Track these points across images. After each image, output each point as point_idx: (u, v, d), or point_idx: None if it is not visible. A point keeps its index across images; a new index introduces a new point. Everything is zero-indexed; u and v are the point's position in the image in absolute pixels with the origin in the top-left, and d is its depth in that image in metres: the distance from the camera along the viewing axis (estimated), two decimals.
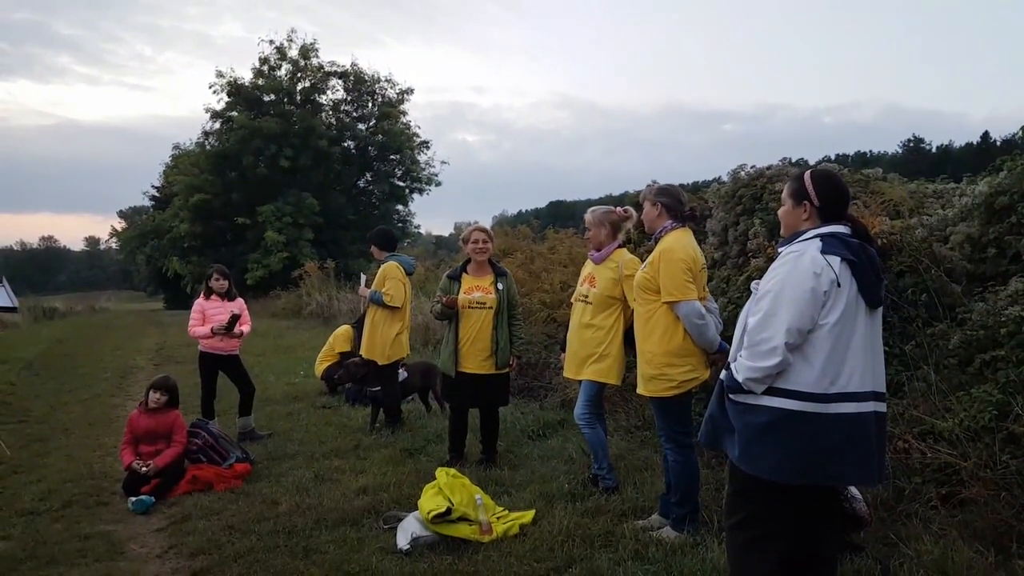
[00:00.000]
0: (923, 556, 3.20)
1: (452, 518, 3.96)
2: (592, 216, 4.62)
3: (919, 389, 4.15)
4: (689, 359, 3.76)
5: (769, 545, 2.57)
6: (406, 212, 34.70)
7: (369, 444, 6.04)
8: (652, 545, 3.63)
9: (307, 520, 4.35)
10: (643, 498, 4.30)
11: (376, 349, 6.36)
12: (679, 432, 3.87)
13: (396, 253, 6.69)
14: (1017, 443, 3.44)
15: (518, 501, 4.43)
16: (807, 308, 2.48)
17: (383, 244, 6.67)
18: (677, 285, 3.68)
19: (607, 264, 4.50)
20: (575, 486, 4.57)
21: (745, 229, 6.77)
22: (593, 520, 4.02)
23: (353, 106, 32.86)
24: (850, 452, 2.48)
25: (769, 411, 2.52)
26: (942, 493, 3.59)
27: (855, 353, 2.50)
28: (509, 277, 5.51)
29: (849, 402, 2.47)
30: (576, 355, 4.54)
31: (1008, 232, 4.86)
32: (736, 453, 2.61)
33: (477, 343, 5.21)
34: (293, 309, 20.51)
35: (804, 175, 2.73)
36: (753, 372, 2.52)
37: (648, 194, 4.02)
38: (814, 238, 2.59)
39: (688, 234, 3.91)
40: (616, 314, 4.45)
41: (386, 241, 6.72)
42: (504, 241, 12.74)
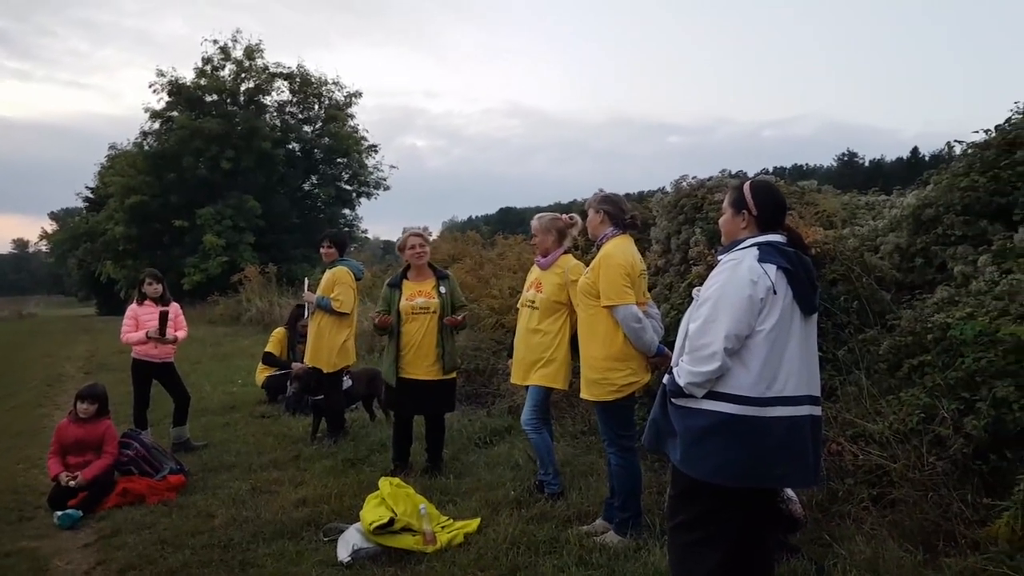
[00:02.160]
0: (855, 556, 3.30)
1: (395, 529, 3.91)
2: (539, 223, 4.65)
3: (851, 393, 4.28)
4: (629, 363, 3.82)
5: (710, 547, 2.62)
6: (353, 216, 34.23)
7: (310, 454, 5.92)
8: (596, 550, 3.66)
9: (244, 533, 4.24)
10: (588, 503, 4.33)
11: (322, 356, 6.25)
12: (621, 436, 3.91)
13: (346, 258, 6.58)
14: (943, 445, 3.57)
15: (463, 509, 4.40)
16: (744, 314, 2.54)
17: (340, 246, 6.55)
18: (616, 290, 3.74)
19: (553, 270, 4.54)
20: (521, 493, 4.57)
21: (687, 237, 6.91)
22: (538, 527, 4.02)
23: (299, 108, 32.32)
24: (787, 454, 2.55)
25: (709, 415, 2.57)
26: (873, 494, 3.71)
27: (791, 358, 2.57)
28: (451, 279, 5.49)
29: (785, 406, 2.54)
30: (523, 361, 4.56)
31: (934, 243, 5.07)
32: (678, 456, 2.65)
33: (422, 349, 5.16)
34: (232, 315, 20.05)
35: (744, 185, 2.80)
36: (694, 376, 2.57)
37: (592, 202, 4.08)
38: (752, 246, 2.65)
39: (629, 241, 3.97)
40: (563, 319, 4.48)
41: (341, 244, 6.61)
42: (453, 247, 12.74)
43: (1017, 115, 5.39)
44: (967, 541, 3.25)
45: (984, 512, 3.29)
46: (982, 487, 3.42)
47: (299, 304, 9.49)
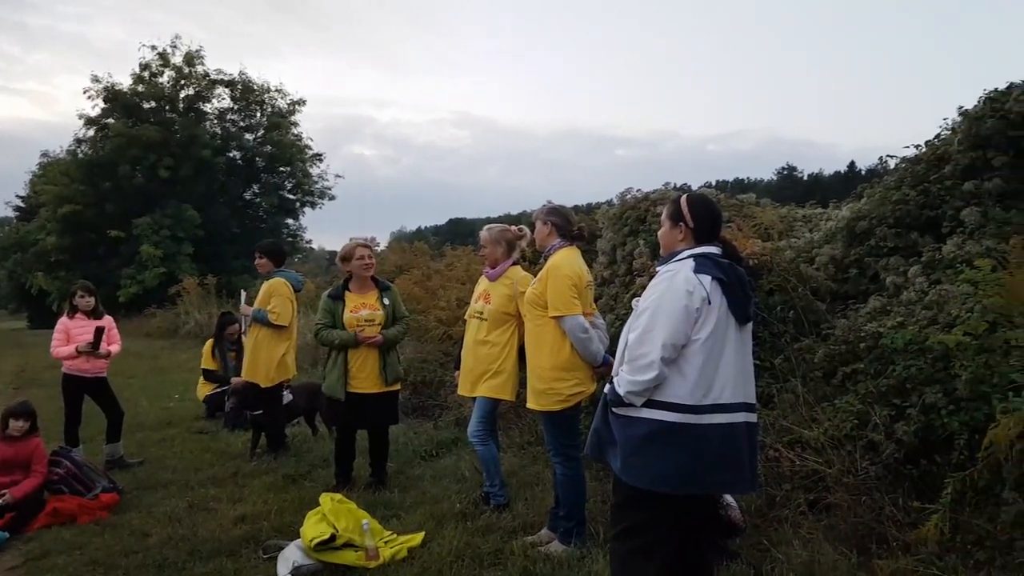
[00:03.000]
0: (792, 560, 3.38)
1: (337, 545, 3.85)
2: (488, 234, 4.66)
3: (788, 400, 4.39)
4: (576, 373, 3.84)
5: (651, 554, 2.65)
6: (296, 226, 33.67)
7: (249, 471, 5.78)
8: (540, 560, 3.66)
9: (180, 552, 4.11)
10: (533, 513, 4.33)
11: (259, 371, 6.08)
12: (567, 445, 3.93)
13: (284, 269, 6.45)
14: (876, 450, 3.69)
15: (408, 524, 4.36)
16: (681, 324, 2.59)
17: (275, 257, 6.39)
18: (563, 300, 3.77)
19: (502, 281, 4.54)
20: (466, 505, 4.55)
21: (631, 249, 7.01)
22: (483, 539, 4.00)
23: (240, 115, 31.72)
24: (723, 461, 2.60)
25: (648, 423, 2.61)
26: (810, 499, 3.80)
27: (726, 366, 2.63)
28: (393, 291, 5.44)
29: (721, 413, 2.59)
30: (471, 372, 4.54)
31: (868, 254, 5.24)
32: (618, 465, 2.68)
33: (368, 361, 5.09)
34: (169, 328, 19.51)
35: (681, 198, 2.86)
36: (633, 386, 2.61)
37: (540, 213, 4.11)
38: (688, 258, 2.71)
39: (576, 252, 4.01)
40: (511, 330, 4.49)
41: (278, 255, 6.46)
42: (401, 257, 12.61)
43: (946, 131, 5.63)
44: (899, 543, 3.36)
45: (915, 515, 3.41)
46: (912, 491, 3.55)
47: (224, 312, 9.27)
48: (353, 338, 5.05)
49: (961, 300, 3.94)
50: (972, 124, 5.09)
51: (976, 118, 5.10)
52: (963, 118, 5.32)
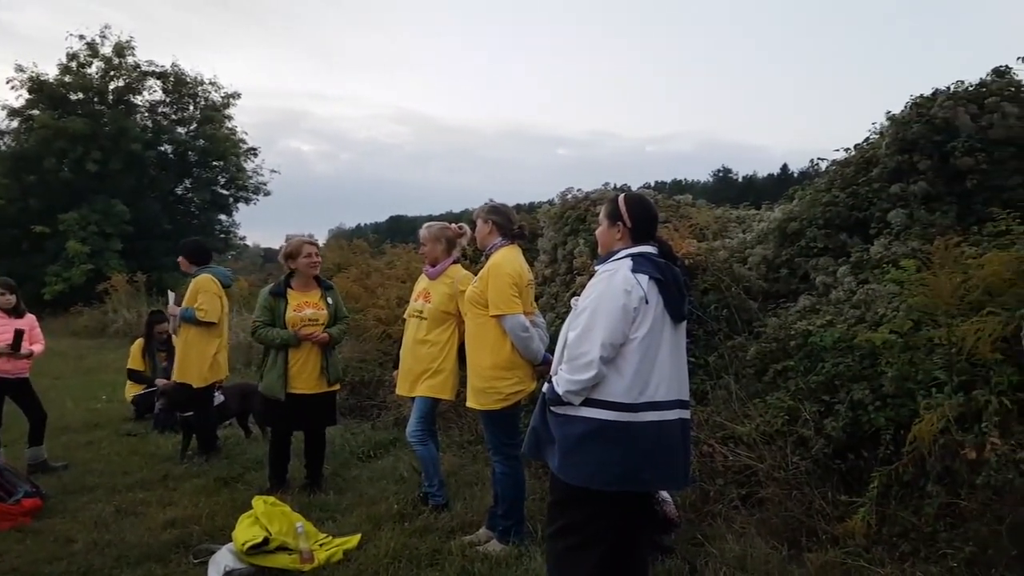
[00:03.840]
0: (726, 554, 3.44)
1: (270, 548, 3.77)
2: (428, 232, 4.62)
3: (721, 397, 4.48)
4: (516, 372, 3.84)
5: (587, 551, 2.66)
6: (229, 222, 32.66)
7: (180, 474, 5.59)
8: (478, 560, 3.64)
9: (106, 559, 3.95)
10: (472, 513, 4.31)
11: (191, 371, 5.89)
12: (507, 444, 3.92)
13: (210, 265, 6.25)
14: (805, 445, 3.80)
15: (344, 526, 4.28)
16: (619, 323, 2.61)
17: (193, 257, 6.17)
18: (504, 299, 3.76)
19: (442, 280, 4.50)
20: (404, 506, 4.49)
21: (572, 248, 7.06)
22: (421, 539, 3.97)
23: (172, 108, 30.68)
24: (659, 458, 2.63)
25: (585, 421, 2.62)
26: (742, 493, 3.89)
27: (662, 364, 2.66)
28: (335, 290, 5.34)
29: (656, 410, 2.62)
30: (410, 372, 4.49)
31: (798, 254, 5.40)
32: (556, 463, 2.69)
33: (310, 361, 4.97)
34: (97, 327, 18.72)
35: (619, 198, 2.89)
36: (572, 385, 2.62)
37: (480, 212, 4.10)
38: (626, 258, 2.74)
39: (516, 251, 4.00)
40: (451, 330, 4.45)
41: (197, 253, 6.22)
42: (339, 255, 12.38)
43: (875, 135, 5.84)
44: (828, 536, 3.45)
45: (843, 508, 3.51)
46: (841, 485, 3.66)
47: (154, 311, 8.97)
48: (294, 337, 4.93)
49: (887, 299, 4.09)
50: (899, 129, 5.30)
51: (903, 123, 5.30)
52: (891, 123, 5.53)
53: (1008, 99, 4.96)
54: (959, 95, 5.21)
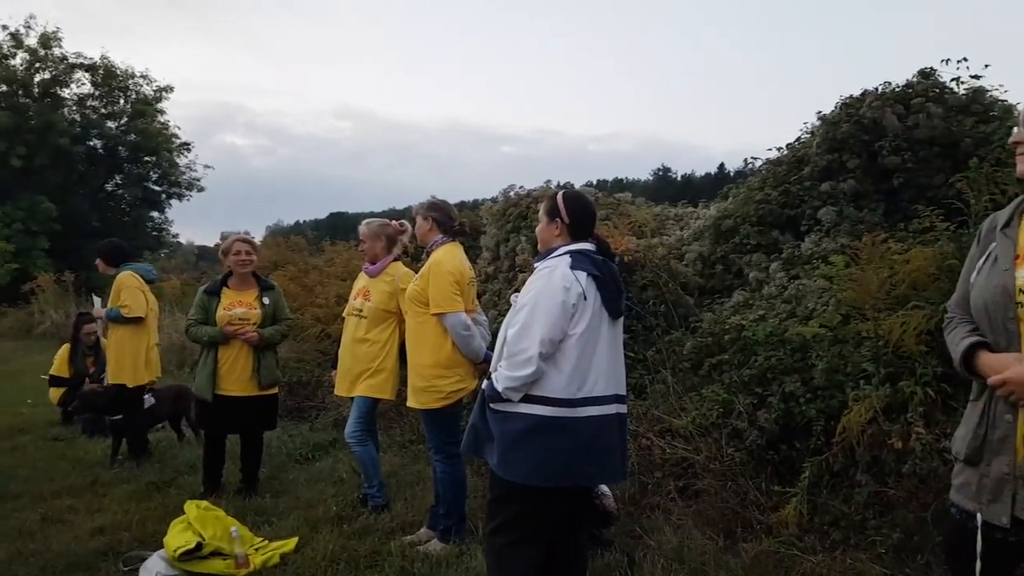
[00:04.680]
0: (663, 546, 3.48)
1: (203, 554, 3.65)
2: (367, 229, 4.55)
3: (659, 391, 4.55)
4: (457, 370, 3.81)
5: (526, 547, 2.66)
6: (162, 219, 31.71)
7: (109, 479, 5.38)
8: (418, 560, 3.60)
9: (31, 569, 3.77)
10: (413, 513, 4.26)
11: (125, 371, 5.67)
12: (447, 443, 3.89)
13: (130, 263, 6.04)
14: (740, 437, 3.87)
15: (280, 530, 4.18)
16: (558, 320, 2.61)
17: (110, 257, 5.94)
18: (445, 297, 3.72)
19: (382, 278, 4.44)
20: (343, 508, 4.41)
21: (514, 245, 7.08)
22: (360, 541, 3.90)
23: (102, 102, 29.58)
24: (596, 453, 2.65)
25: (524, 418, 2.62)
26: (679, 485, 3.95)
27: (600, 360, 2.68)
28: (276, 290, 5.19)
29: (594, 405, 2.64)
30: (349, 371, 4.41)
31: (732, 251, 5.52)
32: (495, 461, 2.68)
33: (239, 362, 4.83)
34: (22, 328, 17.97)
35: (558, 195, 2.90)
36: (511, 381, 2.61)
37: (420, 209, 4.05)
38: (565, 254, 2.75)
39: (458, 248, 3.97)
40: (392, 328, 4.39)
41: (113, 253, 5.98)
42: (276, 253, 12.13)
43: (806, 134, 6.00)
44: (762, 526, 3.53)
45: (776, 498, 3.60)
46: (774, 475, 3.74)
47: (82, 312, 8.64)
48: (220, 333, 4.80)
49: (817, 294, 4.21)
50: (829, 128, 5.46)
51: (833, 123, 5.47)
52: (821, 122, 5.69)
53: (932, 100, 5.15)
54: (886, 96, 5.39)
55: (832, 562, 3.15)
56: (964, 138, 4.87)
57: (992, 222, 2.00)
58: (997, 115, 4.95)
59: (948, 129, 4.97)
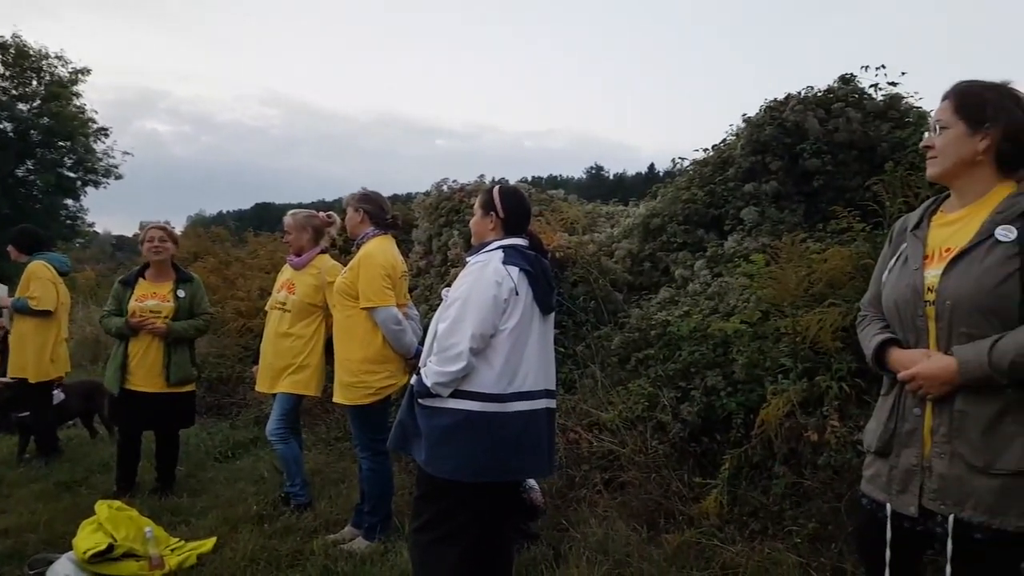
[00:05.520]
0: (588, 538, 3.51)
1: (115, 556, 3.50)
2: (293, 220, 4.44)
3: (588, 385, 4.60)
4: (387, 365, 3.75)
5: (451, 544, 2.64)
6: (76, 207, 30.26)
7: (15, 479, 5.10)
8: (342, 559, 3.54)
9: None
10: (337, 511, 4.19)
11: (28, 365, 5.39)
12: (375, 440, 3.82)
13: (43, 252, 5.74)
14: (664, 430, 3.94)
15: (198, 530, 4.04)
16: (490, 314, 2.60)
17: (23, 244, 5.65)
18: (376, 291, 3.66)
19: (308, 270, 4.34)
20: (264, 507, 4.30)
21: (447, 239, 7.04)
22: (282, 540, 3.81)
23: (12, 83, 28.03)
24: (525, 447, 2.65)
25: (453, 413, 2.59)
26: (605, 478, 3.99)
27: (530, 355, 2.68)
28: (195, 283, 4.99)
29: (524, 400, 2.64)
30: (271, 367, 4.29)
31: (660, 249, 5.63)
32: (423, 456, 2.65)
33: (149, 356, 4.64)
34: None
35: (493, 189, 2.90)
36: (441, 376, 2.58)
37: (351, 200, 3.97)
38: (497, 249, 2.74)
39: (389, 241, 3.91)
40: (317, 323, 4.30)
41: (26, 240, 5.69)
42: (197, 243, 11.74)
43: (731, 136, 6.14)
44: (684, 517, 3.60)
45: (698, 490, 3.68)
46: (696, 467, 3.82)
47: None
48: (126, 324, 4.61)
49: (739, 291, 4.32)
50: (753, 130, 5.60)
51: (757, 125, 5.61)
52: (746, 125, 5.84)
53: (852, 105, 5.34)
54: (808, 100, 5.56)
55: (751, 552, 3.23)
56: (881, 142, 5.07)
57: (903, 224, 2.09)
58: (912, 121, 5.16)
59: (866, 133, 5.17)
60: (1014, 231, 1.78)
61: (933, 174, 1.97)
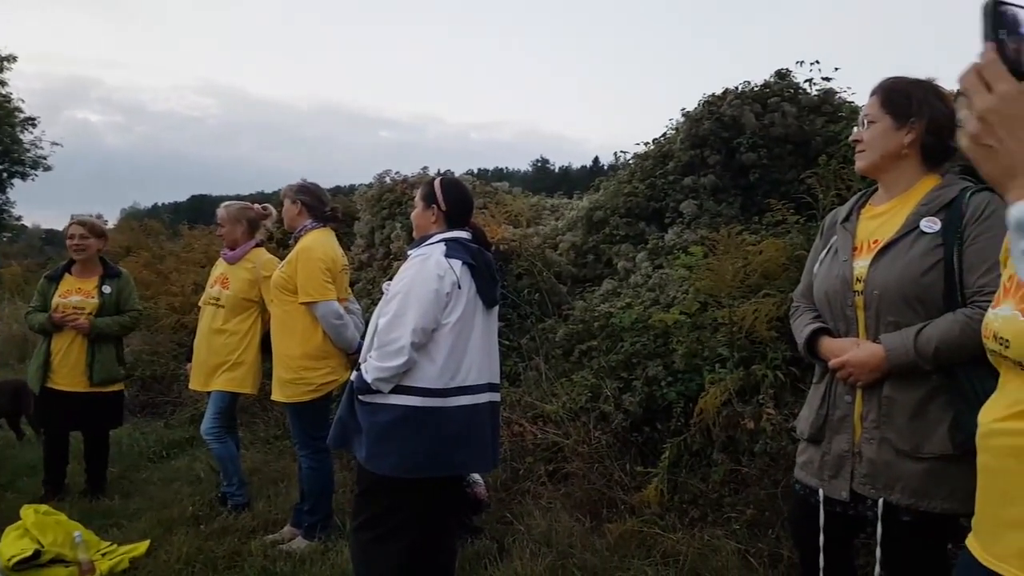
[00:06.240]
0: (533, 530, 3.52)
1: (42, 562, 3.37)
2: (226, 212, 4.30)
3: (532, 378, 4.62)
4: (328, 361, 3.68)
5: (393, 540, 2.61)
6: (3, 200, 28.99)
7: None
8: (280, 559, 3.47)
9: None
10: (276, 511, 4.09)
11: None
12: (315, 437, 3.75)
13: None
14: (607, 420, 3.98)
15: (130, 532, 3.91)
16: (431, 308, 2.56)
17: None
18: (315, 285, 3.58)
19: (242, 264, 4.22)
20: (200, 508, 4.17)
21: (389, 232, 6.96)
22: (218, 542, 3.70)
23: None
24: (468, 441, 2.63)
25: (394, 409, 2.56)
26: (549, 469, 4.01)
27: (473, 349, 2.65)
28: (123, 278, 4.80)
29: (466, 395, 2.62)
30: (205, 364, 4.16)
31: (603, 241, 5.67)
32: (363, 454, 2.61)
33: (72, 355, 4.46)
34: None
35: (435, 181, 2.86)
36: (382, 372, 2.54)
37: (289, 191, 3.87)
38: (439, 242, 2.70)
39: (329, 234, 3.83)
40: (253, 318, 4.18)
41: None
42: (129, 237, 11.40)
43: (671, 130, 6.22)
44: (626, 506, 3.64)
45: (639, 479, 3.72)
46: (638, 456, 3.87)
47: None
48: (48, 320, 4.43)
49: (678, 283, 4.39)
50: (692, 125, 5.68)
51: (695, 120, 5.69)
52: (685, 119, 5.92)
53: (787, 100, 5.46)
54: (745, 95, 5.66)
55: (691, 539, 3.27)
56: (815, 136, 5.19)
57: (834, 217, 2.14)
58: (844, 116, 5.29)
59: (801, 128, 5.29)
60: (938, 223, 1.84)
61: (861, 167, 2.02)
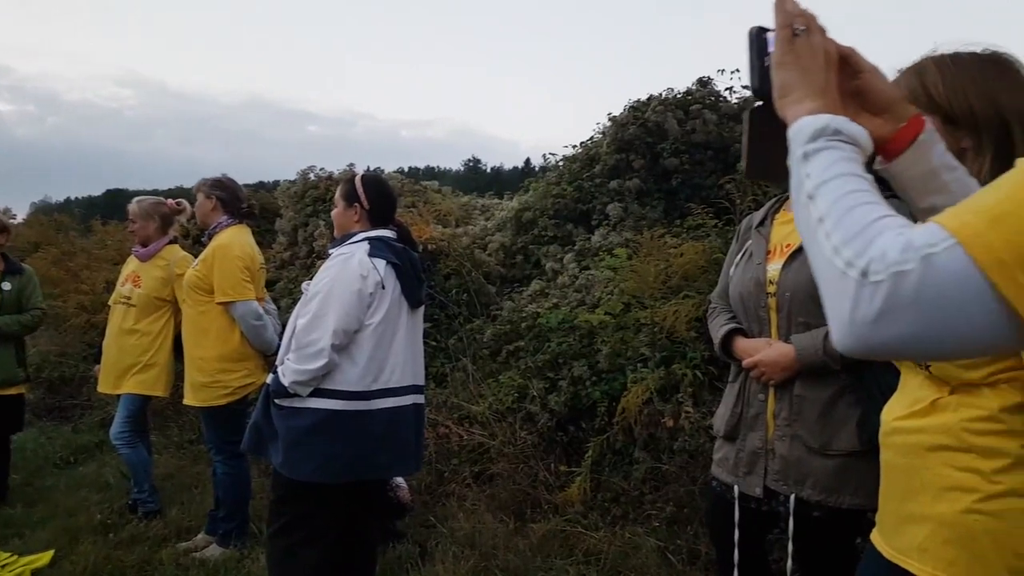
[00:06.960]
0: (456, 532, 3.49)
1: None
2: (138, 207, 4.11)
3: (459, 379, 4.59)
4: (245, 363, 3.57)
5: (311, 547, 2.54)
6: None
7: None
8: (193, 567, 3.35)
9: None
10: (190, 518, 3.95)
11: None
12: (230, 442, 3.61)
13: None
14: (533, 420, 3.99)
15: (33, 542, 3.71)
16: (353, 309, 2.51)
17: None
18: (233, 285, 3.46)
19: (155, 262, 4.04)
20: (109, 516, 3.99)
21: (312, 230, 6.82)
22: (128, 550, 3.55)
23: None
24: (391, 444, 2.58)
25: (313, 413, 2.49)
26: (475, 471, 3.99)
27: (397, 350, 2.61)
28: (26, 275, 4.55)
29: (390, 397, 2.57)
30: (115, 366, 3.97)
31: (532, 242, 5.71)
32: (279, 459, 2.52)
33: None
34: None
35: (355, 178, 2.79)
36: (300, 375, 2.47)
37: (203, 186, 3.72)
38: (363, 241, 2.64)
39: (246, 231, 3.71)
40: (165, 318, 4.02)
41: None
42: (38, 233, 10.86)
43: (599, 134, 6.31)
44: (550, 505, 3.66)
45: (563, 478, 3.75)
46: (563, 455, 3.90)
47: None
48: None
49: (604, 284, 4.44)
50: (618, 129, 5.78)
51: (621, 124, 5.79)
52: (611, 123, 6.01)
53: (708, 107, 5.62)
54: (669, 101, 5.80)
55: (613, 537, 3.32)
56: (734, 143, 5.36)
57: (749, 221, 2.20)
58: None
59: (720, 134, 5.44)
60: None
61: None
